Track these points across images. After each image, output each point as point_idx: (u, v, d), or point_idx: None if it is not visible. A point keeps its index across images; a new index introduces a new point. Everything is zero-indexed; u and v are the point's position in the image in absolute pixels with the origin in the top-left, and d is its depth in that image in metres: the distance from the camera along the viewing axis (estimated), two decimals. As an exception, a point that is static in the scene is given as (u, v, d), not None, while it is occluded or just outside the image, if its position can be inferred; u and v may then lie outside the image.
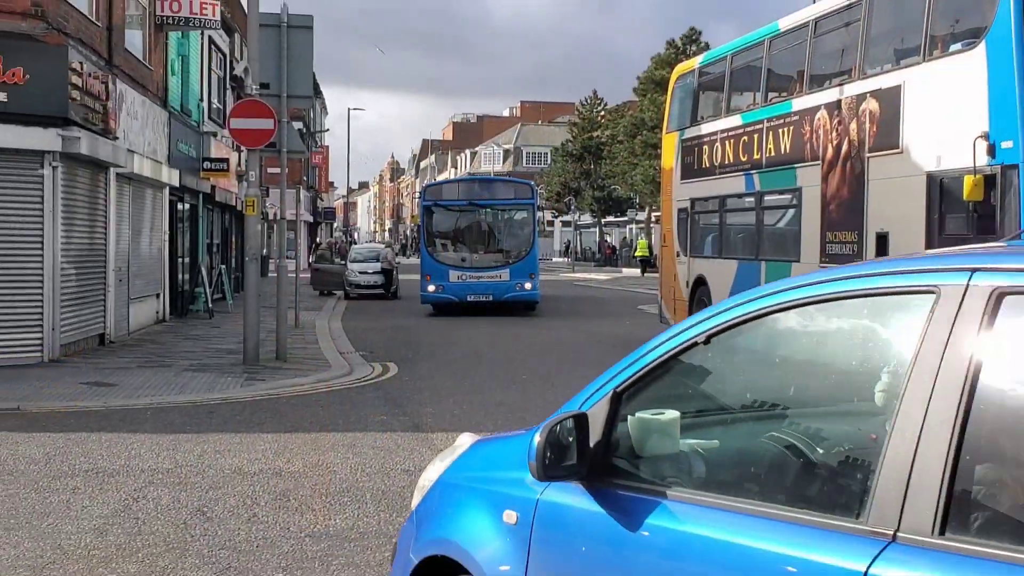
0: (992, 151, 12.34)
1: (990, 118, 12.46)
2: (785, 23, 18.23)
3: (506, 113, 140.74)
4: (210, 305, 29.36)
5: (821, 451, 3.20)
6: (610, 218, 77.47)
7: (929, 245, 13.51)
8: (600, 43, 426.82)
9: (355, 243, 78.68)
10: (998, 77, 12.40)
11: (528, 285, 29.55)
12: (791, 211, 17.55)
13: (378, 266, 39.98)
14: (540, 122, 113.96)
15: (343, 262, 42.73)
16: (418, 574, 4.28)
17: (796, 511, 2.97)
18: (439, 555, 4.17)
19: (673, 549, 3.25)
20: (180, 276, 28.56)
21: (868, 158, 15.03)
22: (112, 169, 20.37)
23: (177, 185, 26.60)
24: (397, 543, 4.67)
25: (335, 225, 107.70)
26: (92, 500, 8.61)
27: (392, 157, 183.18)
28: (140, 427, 12.04)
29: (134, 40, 23.11)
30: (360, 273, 39.45)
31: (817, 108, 16.45)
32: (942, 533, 2.55)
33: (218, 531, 7.66)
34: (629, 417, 3.61)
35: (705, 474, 3.55)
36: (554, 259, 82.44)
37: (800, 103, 17.12)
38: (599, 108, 75.40)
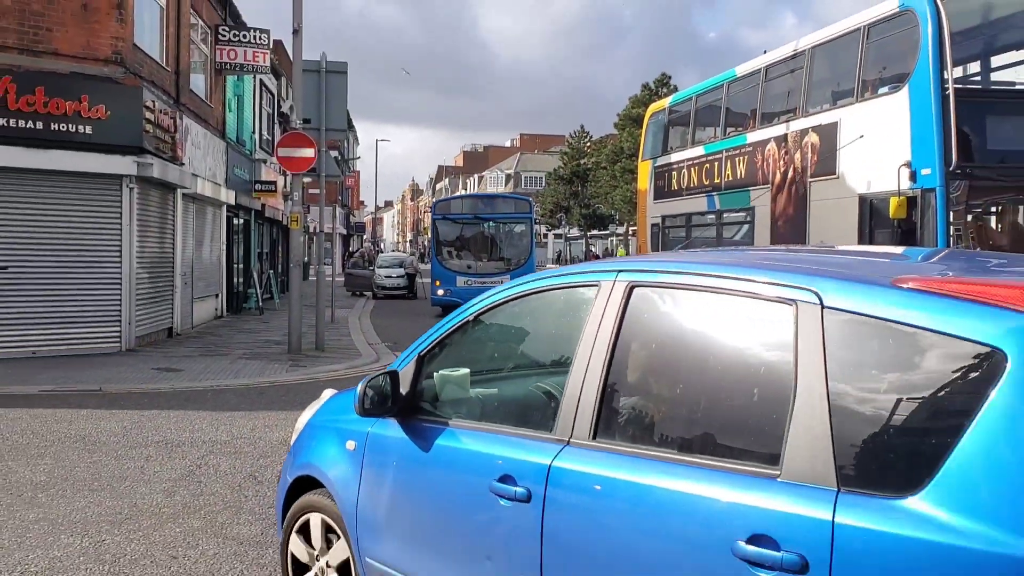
0: (913, 177, 12.35)
1: (912, 149, 12.48)
2: (741, 69, 18.26)
3: (508, 144, 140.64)
4: (260, 304, 29.39)
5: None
6: (594, 232, 77.47)
7: (861, 255, 13.51)
8: (586, 85, 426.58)
9: (382, 252, 78.69)
10: (919, 115, 12.42)
11: None
12: (745, 226, 17.56)
13: (402, 271, 40.08)
14: (536, 151, 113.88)
15: (372, 268, 42.77)
16: (292, 489, 5.04)
17: (526, 430, 3.81)
18: (305, 474, 4.91)
19: (450, 458, 4.03)
20: (235, 279, 28.57)
21: (810, 182, 15.05)
22: (179, 190, 20.39)
23: (233, 203, 26.62)
24: (281, 470, 5.31)
25: (365, 237, 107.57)
26: (162, 466, 8.63)
27: (413, 180, 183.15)
28: (202, 405, 12.06)
29: (197, 82, 23.13)
30: (386, 277, 39.50)
31: (767, 141, 16.46)
32: (594, 438, 3.42)
33: (267, 493, 7.66)
34: (435, 373, 4.37)
35: (481, 411, 4.33)
36: (548, 266, 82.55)
37: (753, 136, 17.14)
38: (585, 140, 75.39)
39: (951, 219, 12.15)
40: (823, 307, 2.85)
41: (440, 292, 28.08)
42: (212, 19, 24.64)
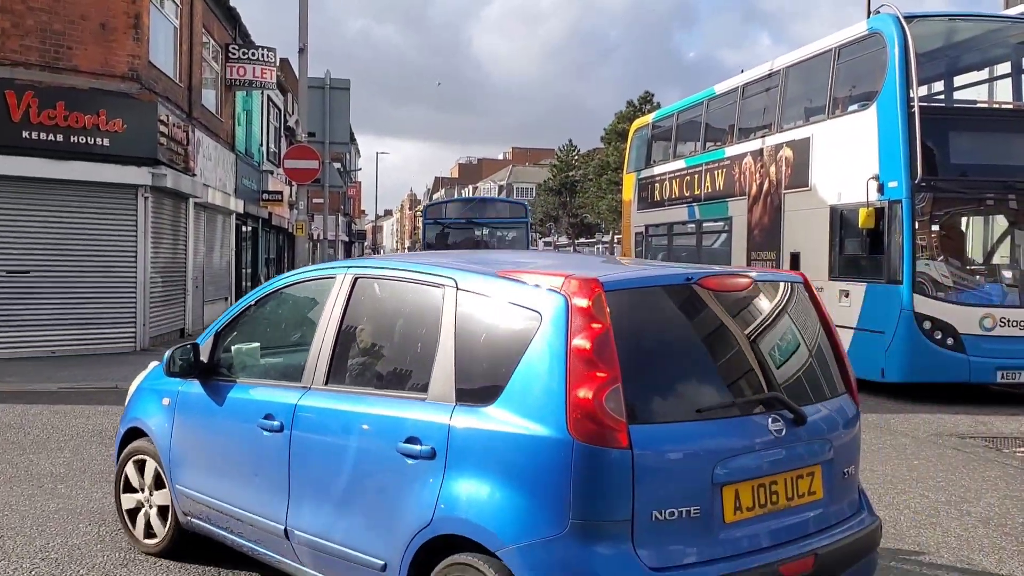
0: (881, 189, 12.42)
1: (880, 163, 12.55)
2: (720, 88, 18.33)
3: (501, 156, 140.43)
4: (267, 306, 29.31)
5: None
6: (582, 240, 77.44)
7: (832, 263, 13.59)
8: (575, 101, 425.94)
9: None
10: (886, 131, 12.49)
11: None
12: (724, 235, 17.62)
13: None
14: (527, 164, 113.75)
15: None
16: (125, 438, 6.09)
17: (287, 382, 4.89)
18: (134, 426, 5.98)
19: (234, 405, 5.14)
20: (243, 283, 28.53)
21: (784, 194, 15.11)
22: (191, 199, 20.36)
23: (242, 212, 26.61)
24: (119, 425, 6.28)
25: (365, 244, 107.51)
26: (175, 459, 8.58)
27: (411, 191, 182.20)
28: (212, 402, 11.98)
29: (209, 98, 23.13)
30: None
31: (744, 155, 16.53)
32: (327, 383, 4.59)
33: (274, 484, 7.62)
34: (232, 347, 5.40)
35: (265, 372, 5.27)
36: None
37: (731, 151, 17.21)
38: (574, 153, 75.40)
39: (916, 228, 12.22)
40: (458, 288, 4.13)
41: None
42: (223, 38, 24.64)
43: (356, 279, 4.70)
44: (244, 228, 28.49)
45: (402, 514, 3.96)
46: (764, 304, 4.33)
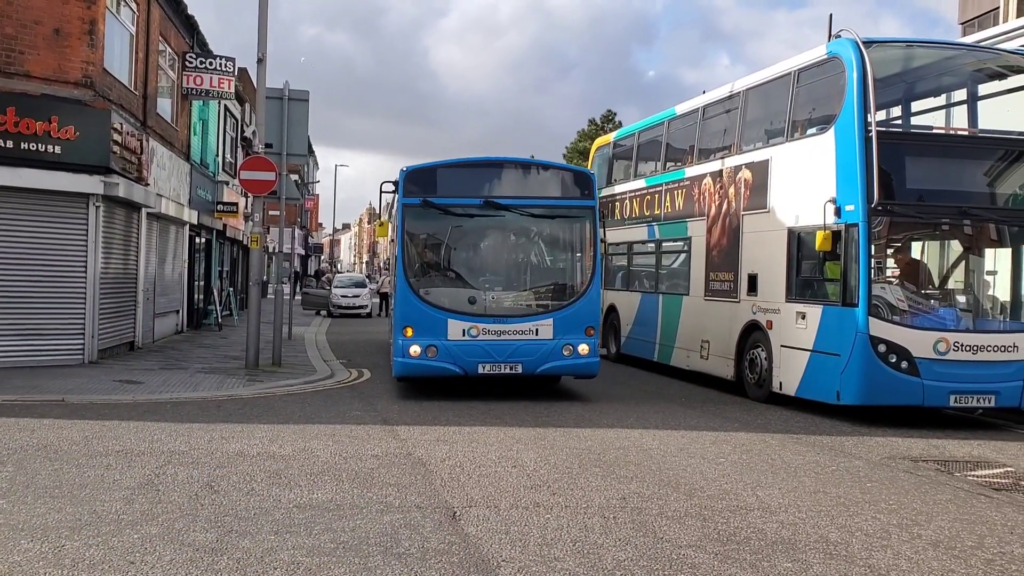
0: (838, 212, 12.62)
1: (837, 186, 12.76)
2: (680, 108, 18.53)
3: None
4: (219, 320, 29.08)
5: None
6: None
7: (788, 285, 13.78)
8: (535, 117, 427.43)
9: (338, 272, 78.35)
10: (844, 155, 12.70)
11: (584, 348, 13.86)
12: (683, 255, 17.77)
13: (359, 291, 39.94)
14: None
15: (328, 288, 42.42)
16: None
17: None
18: None
19: None
20: (196, 296, 28.26)
21: (743, 215, 15.29)
22: (144, 209, 20.17)
23: (196, 223, 26.37)
24: None
25: (323, 258, 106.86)
26: (122, 475, 8.50)
27: (369, 204, 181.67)
28: (161, 417, 11.90)
29: (164, 106, 22.94)
30: (343, 296, 39.27)
31: (704, 175, 16.71)
32: None
33: (223, 501, 7.58)
34: None
35: None
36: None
37: (691, 171, 17.39)
38: (535, 170, 75.46)
39: (872, 252, 12.43)
40: None
41: (414, 350, 13.77)
42: (180, 46, 24.48)
43: None
44: (198, 239, 28.22)
45: None
46: None
